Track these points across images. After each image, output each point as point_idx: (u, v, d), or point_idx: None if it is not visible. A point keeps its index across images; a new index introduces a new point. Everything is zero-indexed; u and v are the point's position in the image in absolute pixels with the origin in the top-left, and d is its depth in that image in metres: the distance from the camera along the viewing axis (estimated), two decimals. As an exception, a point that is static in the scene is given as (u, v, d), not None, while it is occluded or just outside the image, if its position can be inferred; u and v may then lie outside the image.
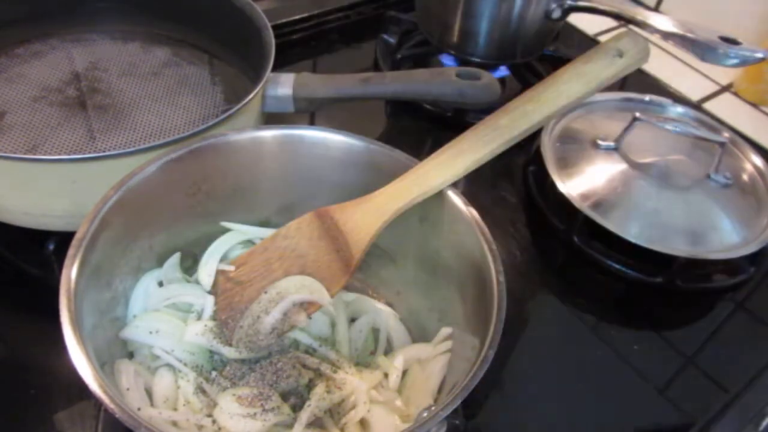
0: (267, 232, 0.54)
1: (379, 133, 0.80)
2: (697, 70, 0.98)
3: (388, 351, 0.53)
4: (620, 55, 0.49)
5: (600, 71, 0.50)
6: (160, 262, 0.52)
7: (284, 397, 0.46)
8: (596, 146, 0.72)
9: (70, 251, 0.42)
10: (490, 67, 0.83)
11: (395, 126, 0.82)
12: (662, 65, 0.97)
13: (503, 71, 0.87)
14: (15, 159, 0.53)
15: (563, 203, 0.67)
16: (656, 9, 1.08)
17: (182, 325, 0.49)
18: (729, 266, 0.68)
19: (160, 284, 0.51)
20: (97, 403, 0.50)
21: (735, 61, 0.69)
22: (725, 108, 0.92)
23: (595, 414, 0.57)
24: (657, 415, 0.57)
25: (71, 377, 0.37)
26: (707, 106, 0.92)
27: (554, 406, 0.57)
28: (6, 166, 0.52)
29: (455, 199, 0.49)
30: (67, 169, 0.53)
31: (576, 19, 1.03)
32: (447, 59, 0.87)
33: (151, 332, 0.48)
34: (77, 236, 0.42)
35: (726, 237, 0.66)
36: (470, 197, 0.49)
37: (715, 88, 0.96)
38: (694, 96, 0.93)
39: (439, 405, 0.38)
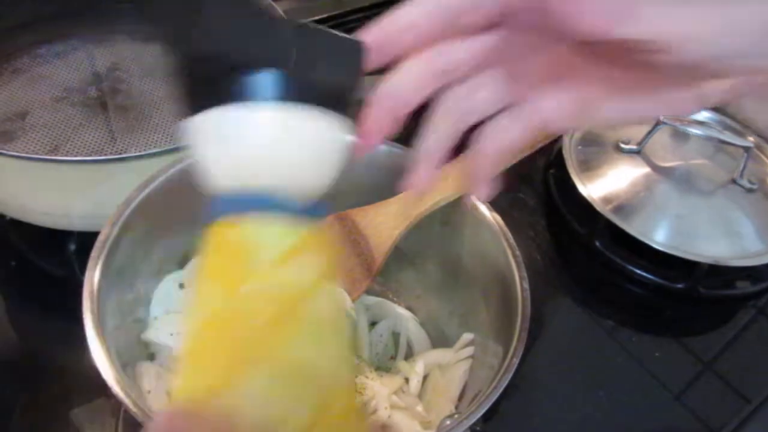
0: (287, 235, 0.54)
1: (398, 135, 0.80)
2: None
3: (409, 356, 0.52)
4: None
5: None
6: (181, 264, 0.52)
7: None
8: (619, 149, 0.72)
9: (94, 253, 0.42)
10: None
11: (415, 129, 0.82)
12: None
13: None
14: (38, 160, 0.53)
15: (584, 207, 0.67)
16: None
17: (203, 327, 0.49)
18: (752, 273, 0.67)
19: (182, 286, 0.51)
20: (117, 403, 0.50)
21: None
22: (750, 111, 0.90)
23: (612, 421, 0.56)
24: (676, 425, 0.56)
25: (91, 375, 0.37)
26: (731, 109, 0.90)
27: (571, 410, 0.56)
28: (29, 167, 0.53)
29: (479, 203, 0.48)
30: (90, 170, 0.53)
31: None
32: (466, 60, 0.86)
33: (172, 334, 0.48)
34: (100, 238, 0.43)
35: (750, 243, 0.65)
36: (489, 200, 0.49)
37: (738, 90, 0.94)
38: (717, 99, 0.92)
39: (464, 413, 0.37)
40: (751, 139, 0.75)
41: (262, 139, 0.22)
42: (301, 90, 0.22)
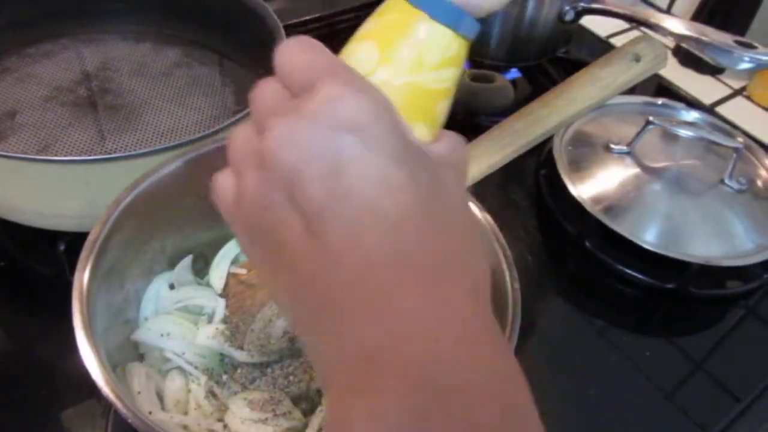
0: (278, 235, 0.54)
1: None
2: (709, 74, 0.97)
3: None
4: (637, 59, 0.49)
5: (616, 76, 0.49)
6: (171, 265, 0.51)
7: (295, 401, 0.45)
8: (609, 150, 0.72)
9: (83, 254, 0.42)
10: (502, 69, 0.83)
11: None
12: (674, 68, 0.97)
13: (514, 73, 0.86)
14: (27, 159, 0.53)
15: (575, 207, 0.67)
16: (668, 11, 1.07)
17: (193, 327, 0.49)
18: (742, 273, 0.67)
19: (172, 287, 0.51)
20: (107, 404, 0.50)
21: (749, 64, 0.68)
22: (738, 112, 0.91)
23: (604, 420, 0.56)
24: (667, 424, 0.57)
25: (81, 376, 0.37)
26: (720, 110, 0.91)
27: (562, 410, 0.56)
28: (18, 167, 0.52)
29: (471, 204, 0.48)
30: (80, 170, 0.52)
31: (588, 21, 1.02)
32: (458, 61, 0.86)
33: (162, 335, 0.48)
34: (90, 238, 0.42)
35: (739, 243, 0.66)
36: (480, 200, 0.49)
37: (727, 91, 0.95)
38: (707, 100, 0.92)
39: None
40: (740, 139, 0.75)
41: None
42: None
